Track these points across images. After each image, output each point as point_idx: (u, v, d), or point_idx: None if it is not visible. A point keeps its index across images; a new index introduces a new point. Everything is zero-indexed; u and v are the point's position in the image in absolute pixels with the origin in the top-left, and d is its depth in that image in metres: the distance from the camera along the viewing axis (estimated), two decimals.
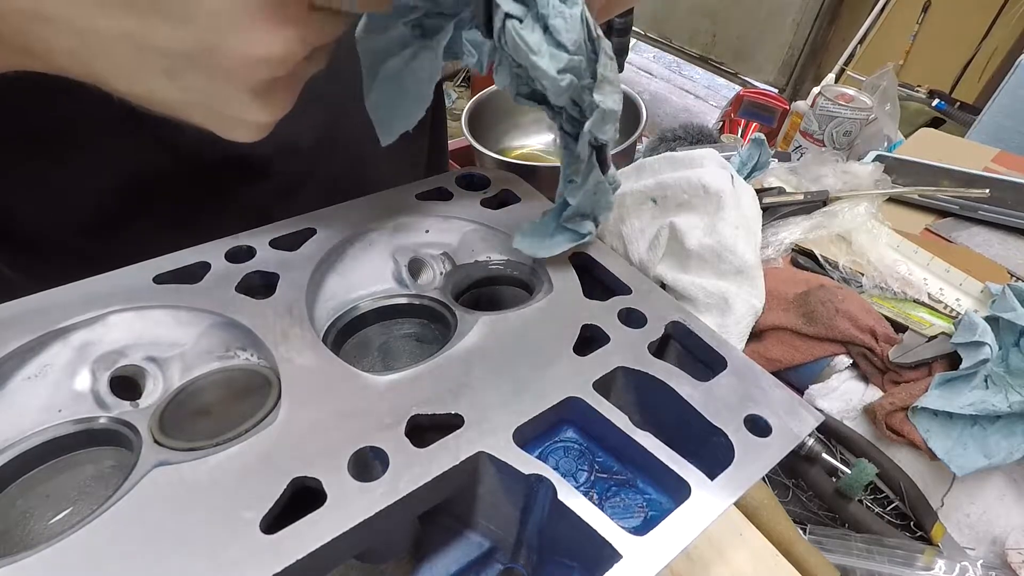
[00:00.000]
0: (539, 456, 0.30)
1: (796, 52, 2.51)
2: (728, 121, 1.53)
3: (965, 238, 0.73)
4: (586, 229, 0.37)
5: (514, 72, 0.31)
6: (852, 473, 0.49)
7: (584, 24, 0.27)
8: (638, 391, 0.32)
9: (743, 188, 0.65)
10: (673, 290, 0.60)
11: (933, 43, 2.00)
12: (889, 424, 0.53)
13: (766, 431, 0.29)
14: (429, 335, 0.38)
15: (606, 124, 0.31)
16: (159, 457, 0.26)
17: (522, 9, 0.26)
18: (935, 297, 0.62)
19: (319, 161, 0.50)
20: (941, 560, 0.46)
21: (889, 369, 0.55)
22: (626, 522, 0.28)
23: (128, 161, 0.42)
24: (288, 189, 0.49)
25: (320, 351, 0.31)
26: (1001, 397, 0.49)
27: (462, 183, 0.44)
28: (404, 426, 0.27)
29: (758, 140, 0.75)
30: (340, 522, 0.23)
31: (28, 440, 0.28)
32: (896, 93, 1.08)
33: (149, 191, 0.44)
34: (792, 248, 0.68)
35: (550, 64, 0.27)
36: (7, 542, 0.27)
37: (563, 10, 0.26)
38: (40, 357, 0.30)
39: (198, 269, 0.34)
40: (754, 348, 0.59)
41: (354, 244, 0.39)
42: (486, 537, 0.31)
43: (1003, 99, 1.29)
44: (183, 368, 0.32)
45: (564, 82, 0.27)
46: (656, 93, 1.51)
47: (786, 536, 0.43)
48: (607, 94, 0.29)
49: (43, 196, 0.43)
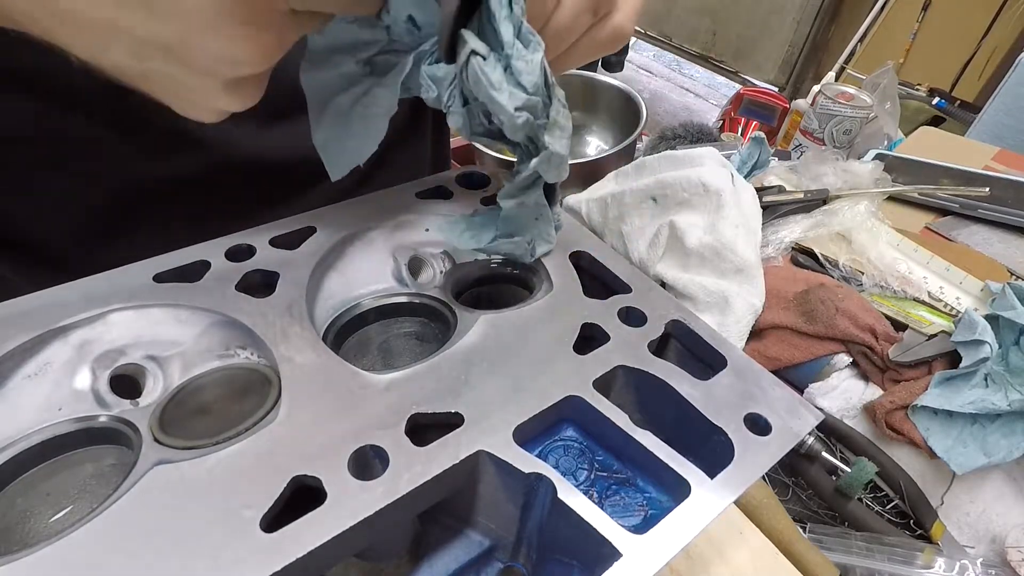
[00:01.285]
0: (539, 455, 0.30)
1: (796, 50, 2.51)
2: (728, 119, 1.53)
3: (965, 236, 0.73)
4: (520, 249, 0.38)
5: (466, 113, 0.32)
6: (852, 472, 0.49)
7: (543, 70, 0.29)
8: (638, 390, 0.32)
9: (743, 187, 0.65)
10: (673, 289, 0.60)
11: (933, 41, 2.00)
12: (889, 423, 0.53)
13: (766, 430, 0.29)
14: (429, 334, 0.38)
15: (551, 165, 0.32)
16: (159, 456, 0.26)
17: (486, 48, 0.28)
18: (935, 296, 0.62)
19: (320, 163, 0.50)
20: (941, 558, 0.46)
21: (889, 368, 0.55)
22: (626, 521, 0.28)
23: (126, 167, 0.42)
24: (299, 194, 0.49)
25: (320, 350, 0.31)
26: (1001, 395, 0.49)
27: (462, 182, 0.44)
28: (404, 425, 0.27)
29: (758, 139, 0.75)
30: (340, 521, 0.23)
31: (28, 439, 0.28)
32: (896, 91, 1.08)
33: (148, 194, 0.44)
34: (792, 247, 0.68)
35: (509, 101, 0.28)
36: (7, 541, 0.27)
37: (525, 54, 0.28)
38: (40, 356, 0.30)
39: (198, 268, 0.34)
40: (754, 347, 0.59)
41: (354, 243, 0.39)
42: (486, 536, 0.31)
43: (1003, 97, 1.29)
44: (183, 367, 0.32)
45: (520, 119, 0.29)
46: (656, 91, 1.51)
47: (786, 535, 0.43)
48: (556, 138, 0.31)
49: (41, 202, 0.42)
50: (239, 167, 0.45)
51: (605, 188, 0.72)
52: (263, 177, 0.46)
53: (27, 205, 0.42)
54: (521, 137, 0.31)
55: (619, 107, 1.05)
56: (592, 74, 1.11)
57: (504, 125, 0.30)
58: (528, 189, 0.36)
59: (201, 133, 0.41)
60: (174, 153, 0.42)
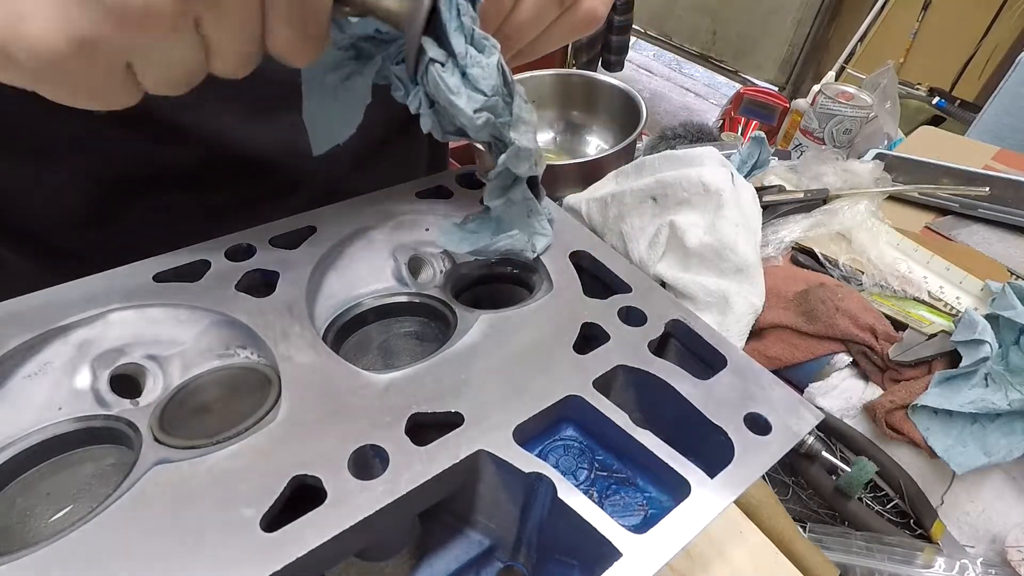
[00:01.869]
0: (539, 454, 0.30)
1: (796, 50, 2.51)
2: (728, 119, 1.53)
3: (965, 236, 0.73)
4: (520, 243, 0.38)
5: (434, 115, 0.33)
6: (852, 471, 0.49)
7: (500, 70, 0.30)
8: (638, 389, 0.32)
9: (743, 186, 0.65)
10: (673, 288, 0.60)
11: (933, 41, 2.00)
12: (889, 422, 0.53)
13: (766, 429, 0.29)
14: (429, 333, 0.38)
15: (520, 160, 0.33)
16: (159, 455, 0.26)
17: (444, 54, 0.29)
18: (935, 295, 0.62)
19: (319, 161, 0.50)
20: (941, 558, 0.46)
21: (889, 367, 0.55)
22: (626, 520, 0.28)
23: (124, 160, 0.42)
24: (288, 190, 0.49)
25: (320, 349, 0.31)
26: (1001, 395, 0.49)
27: (462, 181, 0.44)
28: (404, 424, 0.27)
29: (758, 138, 0.75)
30: (340, 520, 0.23)
31: (28, 438, 0.28)
32: (896, 91, 1.08)
33: (146, 190, 0.44)
34: (792, 246, 0.68)
35: (467, 104, 0.29)
36: (7, 540, 0.27)
37: (480, 60, 0.29)
38: (40, 355, 0.30)
39: (198, 267, 0.34)
40: (754, 346, 0.59)
41: (354, 242, 0.39)
42: (486, 535, 0.31)
43: (1003, 97, 1.29)
44: (183, 366, 0.32)
45: (480, 120, 0.30)
46: (656, 91, 1.51)
47: (786, 534, 0.43)
48: (521, 133, 0.32)
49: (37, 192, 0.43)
50: (228, 160, 0.45)
51: (605, 188, 0.72)
52: (252, 170, 0.46)
53: (22, 194, 0.43)
54: (485, 136, 0.32)
55: (619, 107, 1.05)
56: (592, 74, 1.11)
57: (466, 127, 0.31)
58: (511, 187, 0.36)
59: (191, 127, 0.41)
60: (165, 146, 0.42)
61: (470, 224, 0.40)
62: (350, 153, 0.51)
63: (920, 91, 1.92)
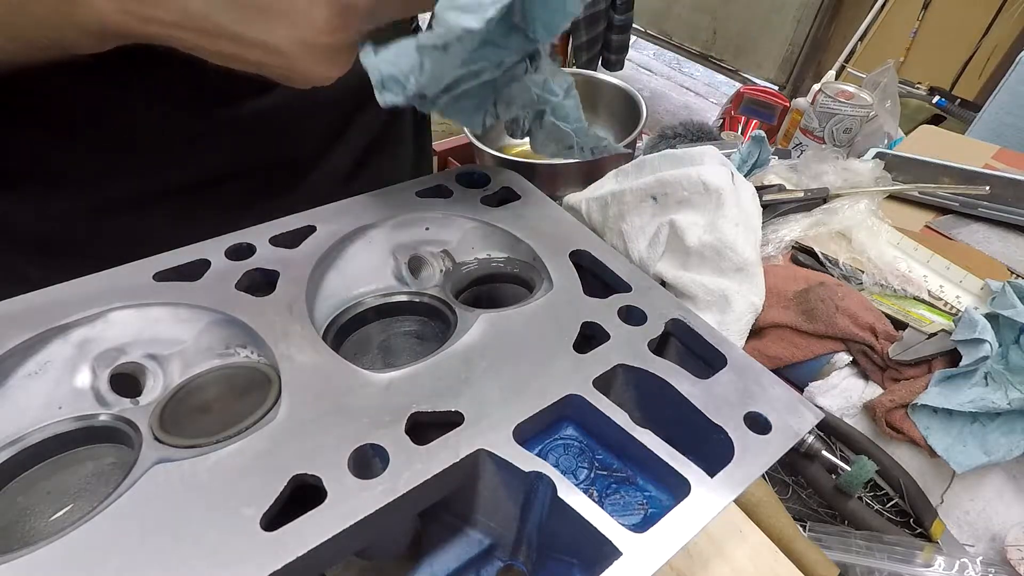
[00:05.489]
0: (539, 453, 0.30)
1: (796, 49, 2.51)
2: (728, 118, 1.53)
3: (965, 235, 0.73)
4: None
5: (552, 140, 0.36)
6: (852, 470, 0.49)
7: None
8: (638, 388, 0.32)
9: (743, 185, 0.65)
10: (673, 287, 0.60)
11: (934, 40, 2.00)
12: (889, 421, 0.53)
13: (766, 428, 0.29)
14: (429, 333, 0.38)
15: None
16: (159, 454, 0.26)
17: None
18: (935, 294, 0.62)
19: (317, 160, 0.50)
20: (940, 557, 0.46)
21: (889, 366, 0.55)
22: (626, 519, 0.28)
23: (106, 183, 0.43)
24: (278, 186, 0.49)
25: (320, 348, 0.31)
26: (1001, 394, 0.49)
27: (462, 180, 0.44)
28: (404, 423, 0.27)
29: (758, 137, 0.75)
30: (340, 519, 0.23)
31: (29, 437, 0.28)
32: (896, 90, 1.08)
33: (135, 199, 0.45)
34: (792, 245, 0.68)
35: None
36: (8, 538, 0.27)
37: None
38: (40, 354, 0.30)
39: (198, 266, 0.34)
40: (754, 345, 0.59)
41: (354, 241, 0.38)
42: (486, 534, 0.31)
43: (1003, 96, 1.29)
44: (183, 365, 0.32)
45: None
46: (656, 90, 1.51)
47: (786, 533, 0.43)
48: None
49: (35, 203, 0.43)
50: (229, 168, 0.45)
51: (605, 187, 0.72)
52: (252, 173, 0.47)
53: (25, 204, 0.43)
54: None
55: (619, 106, 1.05)
56: (592, 73, 1.11)
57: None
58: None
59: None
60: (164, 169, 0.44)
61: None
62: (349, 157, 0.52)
63: (920, 90, 1.92)
